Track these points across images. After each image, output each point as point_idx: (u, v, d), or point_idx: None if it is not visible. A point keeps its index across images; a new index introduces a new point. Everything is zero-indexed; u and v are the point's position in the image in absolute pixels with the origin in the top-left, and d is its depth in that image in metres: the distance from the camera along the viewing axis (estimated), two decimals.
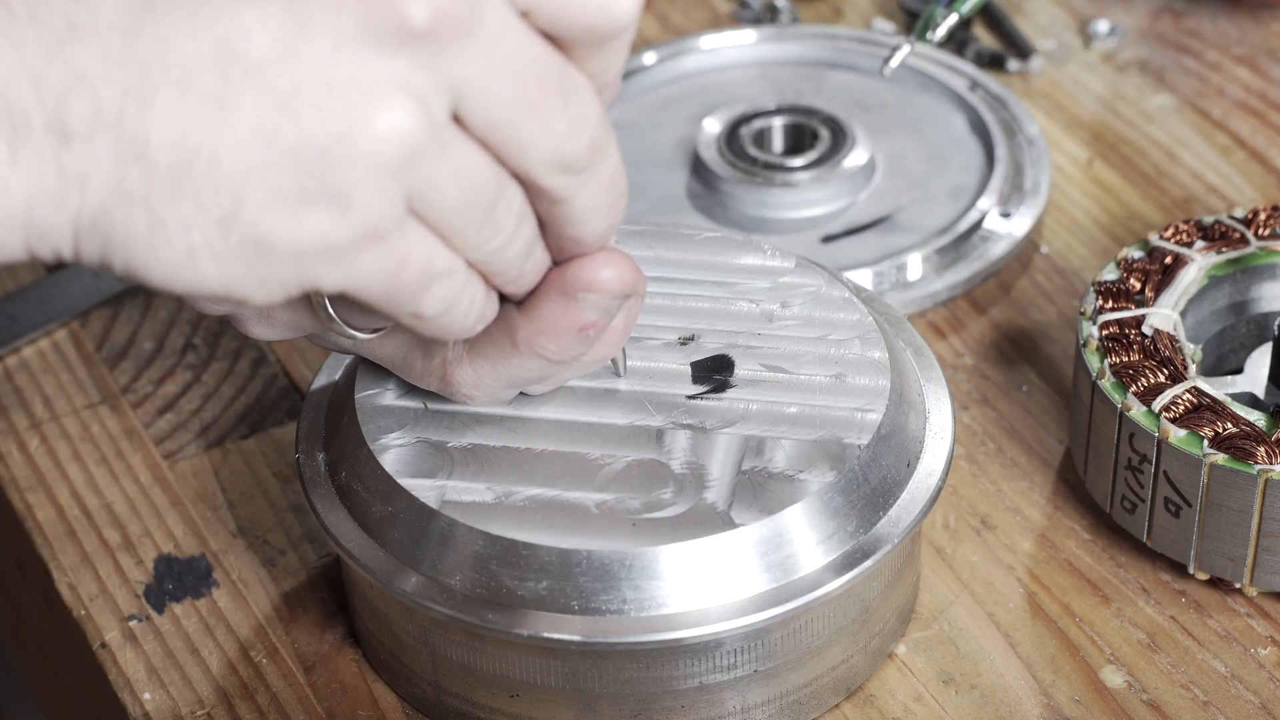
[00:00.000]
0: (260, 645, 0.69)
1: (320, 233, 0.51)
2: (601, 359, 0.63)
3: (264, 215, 0.51)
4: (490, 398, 0.63)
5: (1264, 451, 0.65)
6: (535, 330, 0.59)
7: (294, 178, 0.51)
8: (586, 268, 0.57)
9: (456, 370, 0.61)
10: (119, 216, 0.50)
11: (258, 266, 0.52)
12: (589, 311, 0.58)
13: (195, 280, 0.51)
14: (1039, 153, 0.86)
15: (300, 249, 0.52)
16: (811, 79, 0.91)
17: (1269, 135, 0.89)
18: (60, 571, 0.72)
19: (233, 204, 0.50)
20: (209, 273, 0.51)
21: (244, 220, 0.51)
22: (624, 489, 0.62)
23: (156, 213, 0.50)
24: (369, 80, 0.50)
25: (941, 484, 0.65)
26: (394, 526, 0.63)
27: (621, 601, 0.60)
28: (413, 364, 0.63)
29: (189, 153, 0.50)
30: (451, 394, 0.63)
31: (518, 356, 0.60)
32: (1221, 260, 0.73)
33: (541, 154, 0.54)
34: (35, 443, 0.77)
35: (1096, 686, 0.67)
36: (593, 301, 0.58)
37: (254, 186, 0.50)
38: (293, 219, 0.51)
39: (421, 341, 0.62)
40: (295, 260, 0.52)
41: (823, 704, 0.66)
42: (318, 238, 0.51)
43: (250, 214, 0.51)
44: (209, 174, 0.50)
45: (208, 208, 0.50)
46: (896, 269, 0.80)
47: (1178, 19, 0.96)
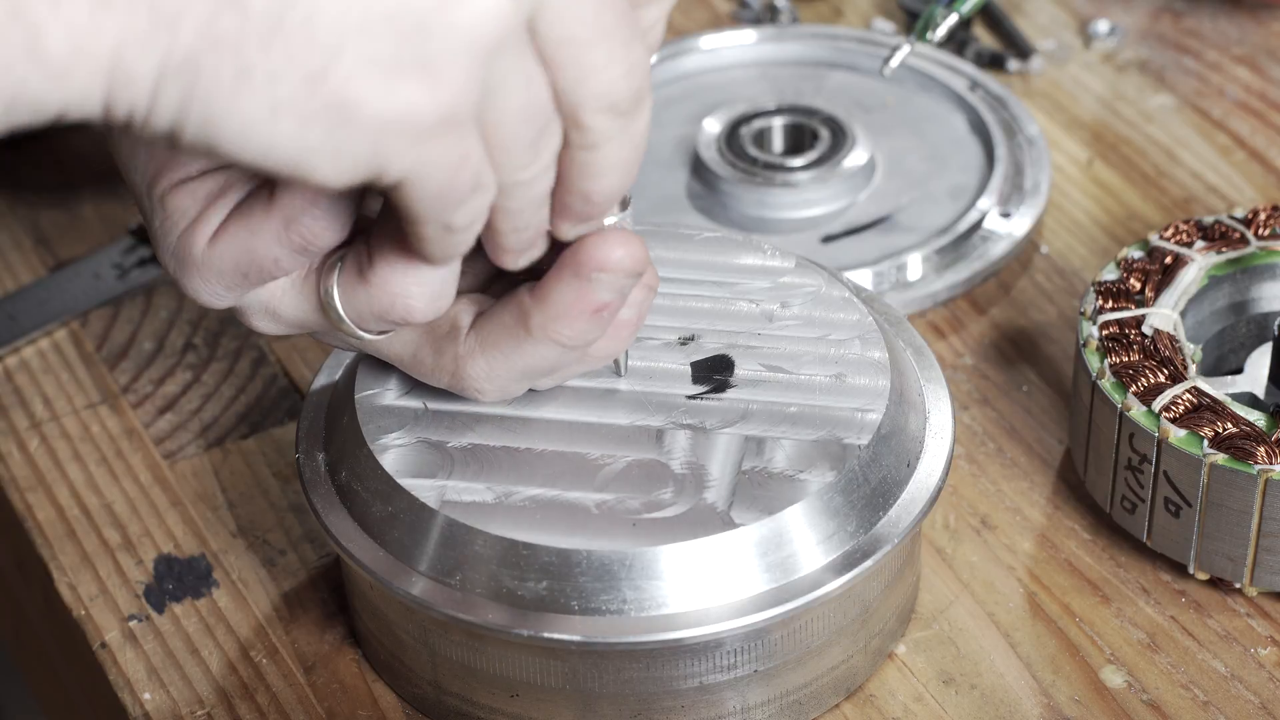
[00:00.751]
0: (260, 645, 0.69)
1: (407, 104, 0.51)
2: (610, 354, 0.62)
3: (354, 77, 0.50)
4: (501, 391, 0.62)
5: (1264, 451, 0.65)
6: (549, 315, 0.58)
7: (389, 43, 0.50)
8: (599, 247, 0.57)
9: (469, 364, 0.61)
10: (207, 62, 0.49)
11: (336, 134, 0.51)
12: (603, 292, 0.58)
13: (270, 141, 0.50)
14: (1039, 153, 0.86)
15: (383, 119, 0.51)
16: (811, 79, 0.91)
17: (1269, 135, 0.89)
18: (60, 571, 0.72)
19: (324, 61, 0.50)
20: (286, 133, 0.50)
21: (333, 80, 0.50)
22: (624, 489, 0.62)
23: (246, 61, 0.49)
24: None
25: (941, 484, 0.65)
26: (394, 526, 0.63)
27: (621, 601, 0.60)
28: (422, 360, 0.62)
29: (284, 3, 0.49)
30: (463, 388, 0.62)
31: (531, 344, 0.59)
32: (1221, 260, 0.73)
33: (596, 86, 0.54)
34: (35, 443, 0.77)
35: (1096, 686, 0.67)
36: (606, 281, 0.58)
37: (348, 46, 0.50)
38: (383, 85, 0.50)
39: (432, 338, 0.62)
40: (374, 132, 0.51)
41: (823, 704, 0.66)
42: (403, 109, 0.51)
43: (340, 74, 0.50)
44: (303, 27, 0.49)
45: (298, 62, 0.49)
46: (896, 269, 0.80)
47: (1178, 19, 0.96)
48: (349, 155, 0.51)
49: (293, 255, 0.57)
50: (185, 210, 0.58)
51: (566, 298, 0.58)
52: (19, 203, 0.88)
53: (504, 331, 0.60)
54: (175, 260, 0.58)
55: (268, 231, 0.56)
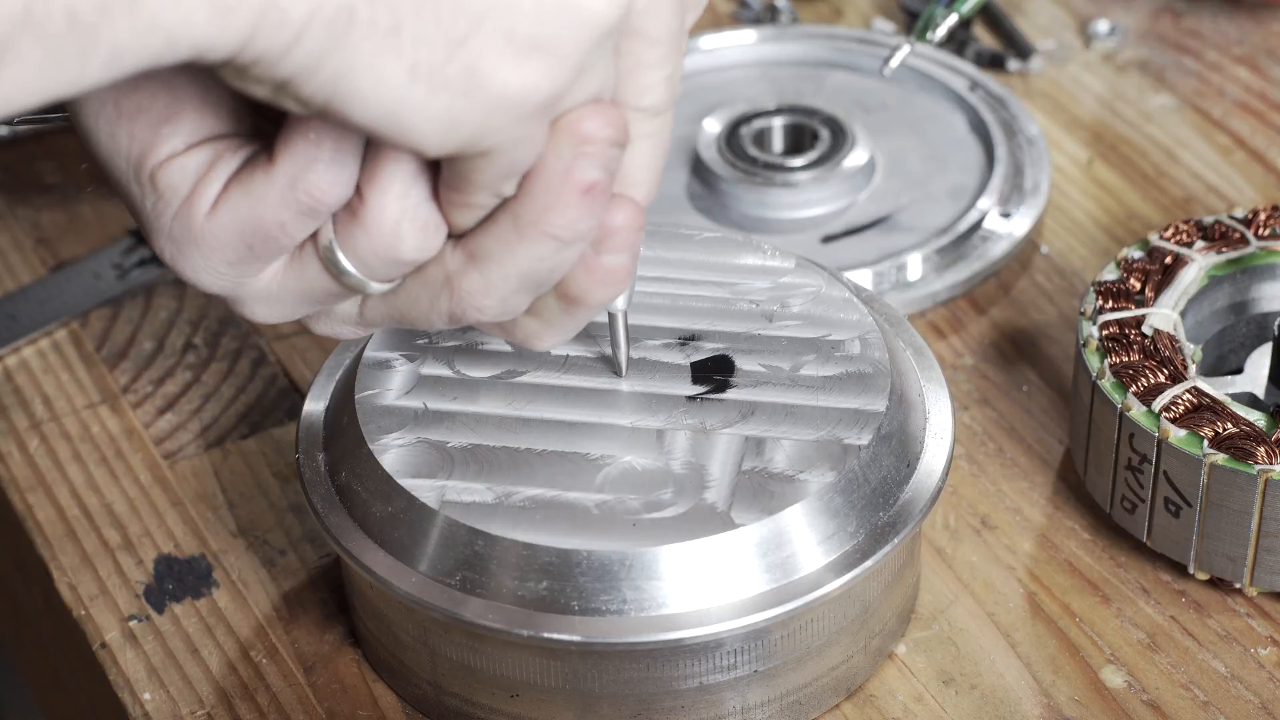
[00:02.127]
0: (260, 645, 0.69)
1: (528, 82, 0.51)
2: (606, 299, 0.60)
3: (490, 50, 0.50)
4: (502, 305, 0.59)
5: (1264, 451, 0.65)
6: (538, 206, 0.56)
7: (527, 20, 0.50)
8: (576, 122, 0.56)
9: (463, 281, 0.58)
10: (363, 14, 0.49)
11: (458, 102, 0.51)
12: (588, 168, 0.55)
13: (396, 103, 0.51)
14: (1039, 153, 0.86)
15: (504, 94, 0.51)
16: (811, 79, 0.91)
17: (1269, 135, 0.89)
18: (60, 571, 0.72)
19: (467, 30, 0.50)
20: (413, 97, 0.50)
21: (471, 49, 0.50)
22: (624, 489, 0.62)
23: (397, 17, 0.49)
24: None
25: (941, 484, 0.65)
26: (394, 526, 0.63)
27: (621, 601, 0.60)
28: (417, 300, 0.59)
29: None
30: (463, 311, 0.59)
31: (524, 244, 0.57)
32: (1221, 260, 0.73)
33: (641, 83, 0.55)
34: (35, 443, 0.77)
35: (1096, 686, 0.67)
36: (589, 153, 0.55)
37: (492, 18, 0.50)
38: (513, 61, 0.51)
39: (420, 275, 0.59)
40: (493, 105, 0.51)
41: (823, 704, 0.66)
42: (524, 87, 0.51)
43: (478, 44, 0.50)
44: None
45: (445, 26, 0.50)
46: (896, 269, 0.80)
47: (1178, 19, 0.96)
48: (461, 125, 0.52)
49: (299, 217, 0.56)
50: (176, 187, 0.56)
51: (552, 182, 0.56)
52: (19, 203, 0.88)
53: (493, 237, 0.57)
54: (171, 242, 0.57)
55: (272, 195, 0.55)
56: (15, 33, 0.45)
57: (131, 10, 0.46)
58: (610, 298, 0.59)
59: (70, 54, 0.46)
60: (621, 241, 0.58)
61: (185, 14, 0.47)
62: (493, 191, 0.55)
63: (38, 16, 0.45)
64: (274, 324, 0.61)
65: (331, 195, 0.55)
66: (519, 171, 0.54)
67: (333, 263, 0.56)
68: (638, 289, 0.69)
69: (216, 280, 0.57)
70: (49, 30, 0.46)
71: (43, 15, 0.45)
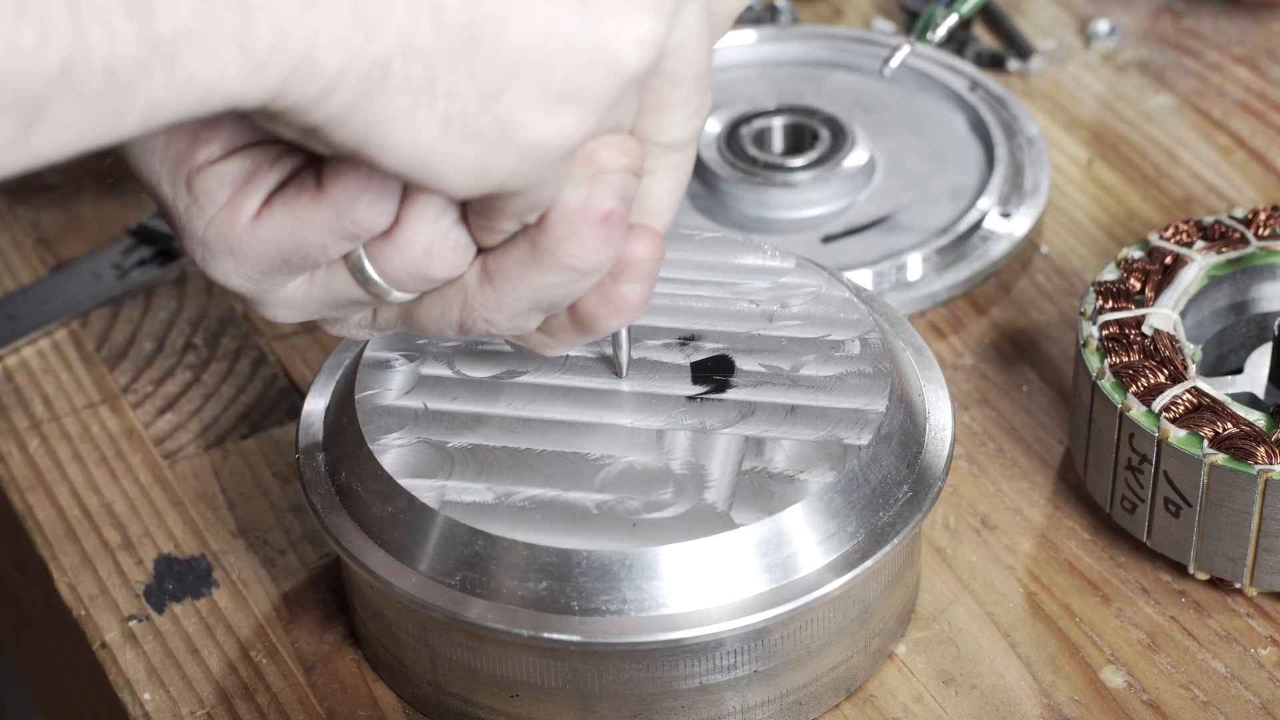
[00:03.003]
0: (260, 645, 0.69)
1: (560, 132, 0.51)
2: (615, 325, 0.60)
3: (524, 102, 0.51)
4: (512, 322, 0.59)
5: (1264, 451, 0.65)
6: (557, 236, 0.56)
7: (561, 71, 0.51)
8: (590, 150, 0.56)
9: (478, 294, 0.59)
10: (396, 70, 0.49)
11: (490, 152, 0.51)
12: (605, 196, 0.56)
13: (427, 153, 0.51)
14: (1039, 153, 0.86)
15: (539, 144, 0.51)
16: (811, 79, 0.91)
17: (1269, 135, 0.89)
18: (60, 571, 0.72)
19: (501, 83, 0.50)
20: (447, 148, 0.51)
21: (505, 102, 0.50)
22: (624, 489, 0.62)
23: (432, 72, 0.49)
24: None
25: (941, 484, 0.65)
26: (394, 526, 0.63)
27: (621, 602, 0.60)
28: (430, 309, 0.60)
29: (480, 20, 0.49)
30: (473, 323, 0.59)
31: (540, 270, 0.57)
32: (1221, 260, 0.73)
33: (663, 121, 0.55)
34: (35, 443, 0.77)
35: (1096, 686, 0.67)
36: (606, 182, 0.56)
37: (526, 70, 0.50)
38: (546, 111, 0.51)
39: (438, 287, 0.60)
40: (524, 154, 0.52)
41: (823, 704, 0.66)
42: (556, 137, 0.51)
43: (512, 97, 0.50)
44: (492, 46, 0.50)
45: (479, 79, 0.50)
46: (896, 269, 0.80)
47: (1178, 19, 0.96)
48: (491, 172, 0.52)
49: (341, 242, 0.57)
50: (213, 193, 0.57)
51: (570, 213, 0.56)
52: (19, 203, 0.88)
53: (511, 259, 0.58)
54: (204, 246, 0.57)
55: (318, 220, 0.56)
56: (53, 91, 0.45)
57: (168, 67, 0.46)
58: (621, 325, 0.60)
59: (106, 110, 0.47)
60: (640, 272, 0.58)
61: (220, 69, 0.47)
62: (517, 221, 0.56)
63: (76, 75, 0.45)
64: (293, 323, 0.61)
65: (376, 225, 0.56)
66: (544, 206, 0.55)
67: (361, 275, 0.58)
68: None
69: (245, 284, 0.58)
70: (86, 88, 0.46)
71: (81, 73, 0.45)
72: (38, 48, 0.44)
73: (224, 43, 0.47)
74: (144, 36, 0.46)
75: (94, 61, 0.45)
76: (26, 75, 0.45)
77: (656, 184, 0.57)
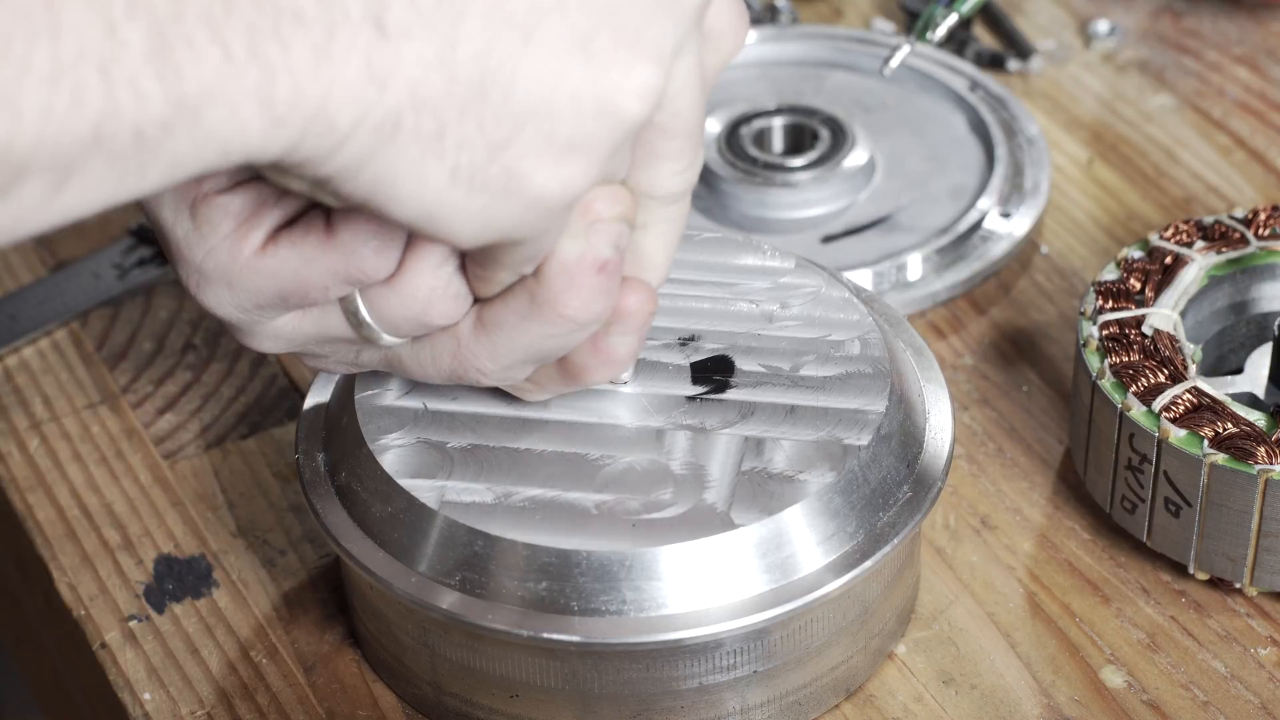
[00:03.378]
0: (260, 645, 0.69)
1: (565, 183, 0.52)
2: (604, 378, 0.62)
3: (530, 153, 0.51)
4: (505, 373, 0.61)
5: (1264, 451, 0.65)
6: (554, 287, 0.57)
7: (567, 123, 0.51)
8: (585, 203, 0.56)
9: (473, 345, 0.60)
10: (407, 123, 0.49)
11: (496, 203, 0.52)
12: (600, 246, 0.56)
13: (435, 203, 0.51)
14: (1039, 153, 0.86)
15: (544, 195, 0.52)
16: (811, 79, 0.91)
17: (1269, 135, 0.89)
18: (60, 571, 0.72)
19: (509, 134, 0.51)
20: (455, 199, 0.51)
21: (512, 153, 0.51)
22: (624, 489, 0.62)
23: (442, 124, 0.50)
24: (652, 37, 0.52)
25: (941, 484, 0.65)
26: (394, 526, 0.63)
27: (621, 602, 0.60)
28: (418, 354, 0.61)
29: (489, 73, 0.50)
30: (465, 371, 0.61)
31: (536, 321, 0.58)
32: (1221, 260, 0.73)
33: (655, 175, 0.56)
34: (35, 443, 0.77)
35: (1096, 686, 0.67)
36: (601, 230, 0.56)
37: (533, 121, 0.51)
38: (554, 163, 0.52)
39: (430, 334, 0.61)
40: (528, 204, 0.52)
41: (823, 704, 0.66)
42: (561, 188, 0.52)
43: (519, 148, 0.51)
44: (500, 98, 0.50)
45: (487, 131, 0.50)
46: (896, 269, 0.80)
47: (1178, 19, 0.96)
48: (497, 222, 0.52)
49: (344, 285, 0.57)
50: (216, 223, 0.57)
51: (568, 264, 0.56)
52: None
53: (509, 310, 0.58)
54: (200, 274, 0.58)
55: (324, 262, 0.56)
56: (84, 153, 0.46)
57: (192, 125, 0.47)
58: (608, 378, 0.61)
59: (132, 168, 0.47)
60: (632, 324, 0.59)
61: (241, 126, 0.48)
62: (514, 272, 0.56)
63: (107, 137, 0.46)
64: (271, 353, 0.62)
65: (381, 272, 0.57)
66: (541, 257, 0.56)
67: (355, 317, 0.58)
68: None
69: (236, 314, 0.58)
70: (116, 149, 0.46)
71: (111, 135, 0.46)
72: (70, 112, 0.45)
73: (245, 100, 0.47)
74: (171, 97, 0.46)
75: (124, 123, 0.46)
76: (59, 139, 0.45)
77: (650, 237, 0.58)
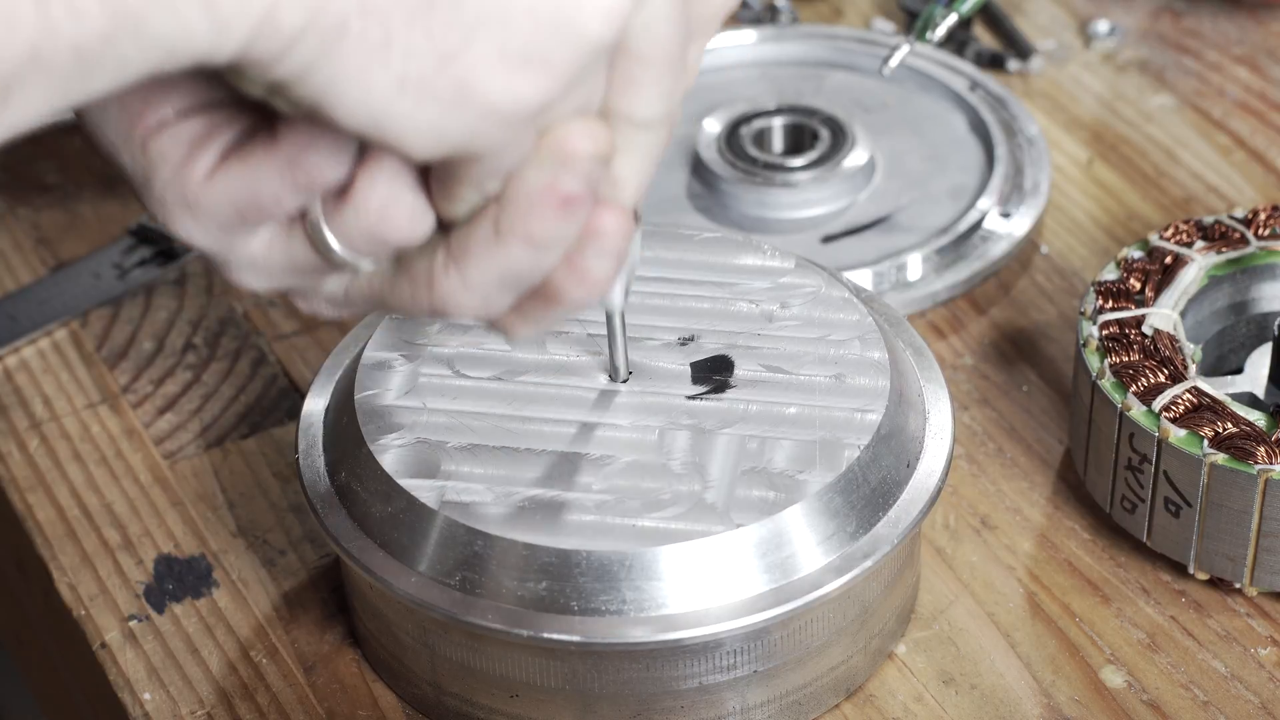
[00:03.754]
0: (260, 645, 0.69)
1: (518, 95, 0.52)
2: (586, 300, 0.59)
3: (481, 64, 0.51)
4: (484, 303, 0.59)
5: (1264, 451, 0.65)
6: (516, 212, 0.56)
7: (521, 35, 0.51)
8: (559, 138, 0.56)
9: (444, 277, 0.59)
10: (354, 27, 0.50)
11: (446, 114, 0.52)
12: (567, 180, 0.56)
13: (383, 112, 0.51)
14: (1039, 153, 0.86)
15: (493, 106, 0.52)
16: (811, 79, 0.91)
17: (1269, 135, 0.89)
18: (60, 571, 0.72)
19: (459, 45, 0.51)
20: (401, 108, 0.51)
21: (462, 63, 0.51)
22: (624, 489, 0.62)
23: (389, 32, 0.50)
24: None
25: (941, 484, 0.65)
26: (394, 526, 0.63)
27: (621, 602, 0.60)
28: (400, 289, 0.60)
29: None
30: (444, 305, 0.59)
31: (502, 247, 0.57)
32: (1221, 260, 0.73)
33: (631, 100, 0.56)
34: (35, 443, 0.77)
35: (1096, 686, 0.67)
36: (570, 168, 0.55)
37: (484, 33, 0.51)
38: (504, 75, 0.52)
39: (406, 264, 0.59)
40: (481, 116, 0.52)
41: (823, 704, 0.66)
42: (515, 100, 0.52)
43: (470, 59, 0.51)
44: (449, 8, 0.50)
45: (436, 41, 0.51)
46: (896, 269, 0.80)
47: (1178, 19, 0.96)
48: (449, 134, 0.52)
49: (295, 192, 0.57)
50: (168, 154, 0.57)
51: (533, 193, 0.56)
52: (19, 203, 0.88)
53: (474, 239, 0.57)
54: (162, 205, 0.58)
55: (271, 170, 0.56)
56: (22, 71, 0.46)
57: (136, 33, 0.47)
58: (587, 300, 0.59)
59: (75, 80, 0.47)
60: (605, 246, 0.58)
61: (186, 29, 0.48)
62: (477, 189, 0.56)
63: (44, 55, 0.46)
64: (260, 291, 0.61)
65: (328, 175, 0.56)
66: (503, 173, 0.55)
67: (318, 238, 0.57)
68: (638, 289, 0.69)
69: (207, 240, 0.58)
70: (55, 65, 0.47)
71: (49, 55, 0.46)
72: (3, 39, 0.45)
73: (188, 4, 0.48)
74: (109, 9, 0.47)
75: (62, 42, 0.46)
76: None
77: (625, 161, 0.57)
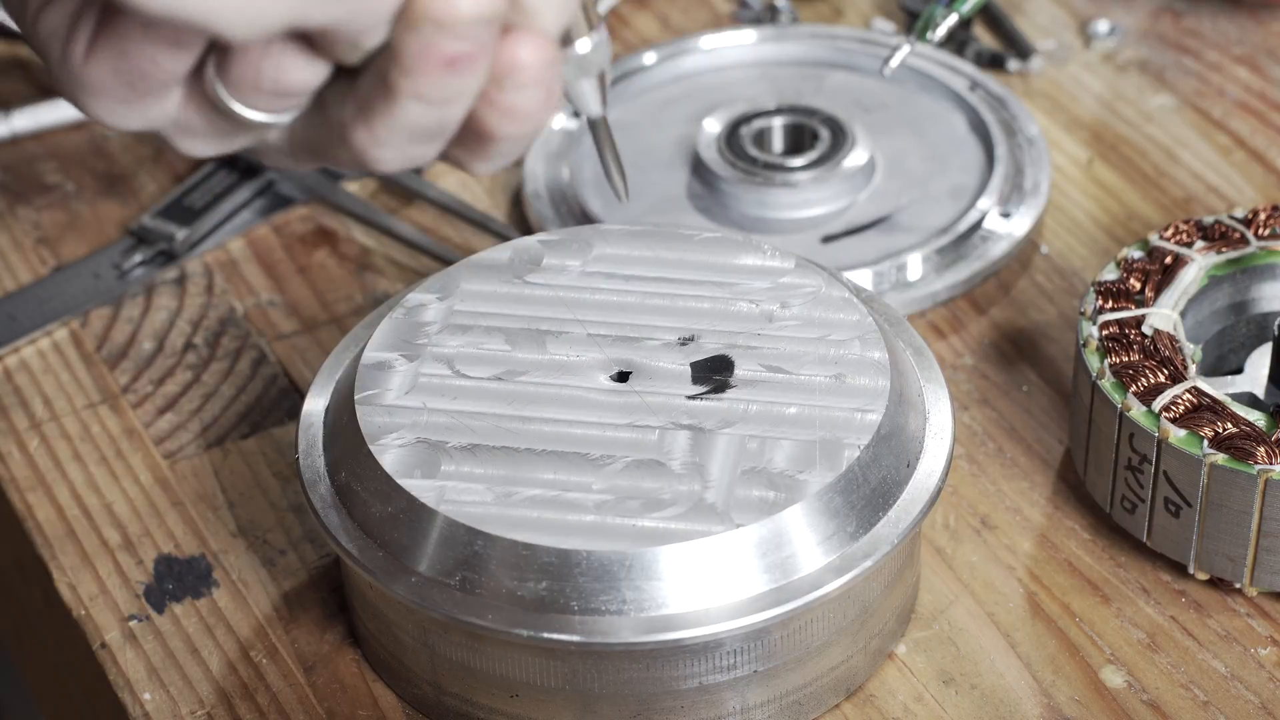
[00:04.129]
0: (260, 645, 0.69)
1: None
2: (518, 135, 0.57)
3: None
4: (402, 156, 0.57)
5: (1264, 451, 0.65)
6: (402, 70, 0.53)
7: None
8: None
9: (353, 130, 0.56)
10: None
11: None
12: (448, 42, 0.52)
13: None
14: (1039, 153, 0.86)
15: None
16: (811, 79, 0.91)
17: (1269, 135, 0.89)
18: (60, 571, 0.72)
19: None
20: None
21: None
22: (624, 489, 0.62)
23: None
24: None
25: (941, 484, 0.65)
26: (394, 526, 0.63)
27: (621, 602, 0.60)
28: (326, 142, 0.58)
29: None
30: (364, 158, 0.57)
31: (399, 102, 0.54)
32: (1221, 260, 0.73)
33: None
34: (35, 443, 0.77)
35: (1096, 686, 0.67)
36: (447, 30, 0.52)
37: None
38: None
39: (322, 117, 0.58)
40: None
41: (823, 704, 0.66)
42: None
43: None
44: None
45: None
46: (896, 269, 0.80)
47: (1178, 19, 0.96)
48: (265, 16, 0.50)
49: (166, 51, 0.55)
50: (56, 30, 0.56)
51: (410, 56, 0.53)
52: (19, 203, 0.88)
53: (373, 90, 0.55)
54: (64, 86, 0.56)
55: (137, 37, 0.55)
56: None
57: None
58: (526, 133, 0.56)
59: None
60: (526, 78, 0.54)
61: None
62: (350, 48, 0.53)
63: None
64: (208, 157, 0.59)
65: (186, 34, 0.54)
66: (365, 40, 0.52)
67: (218, 99, 0.56)
68: (638, 289, 0.69)
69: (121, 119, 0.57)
70: None
71: None
72: None
73: None
74: None
75: None
76: None
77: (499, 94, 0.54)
